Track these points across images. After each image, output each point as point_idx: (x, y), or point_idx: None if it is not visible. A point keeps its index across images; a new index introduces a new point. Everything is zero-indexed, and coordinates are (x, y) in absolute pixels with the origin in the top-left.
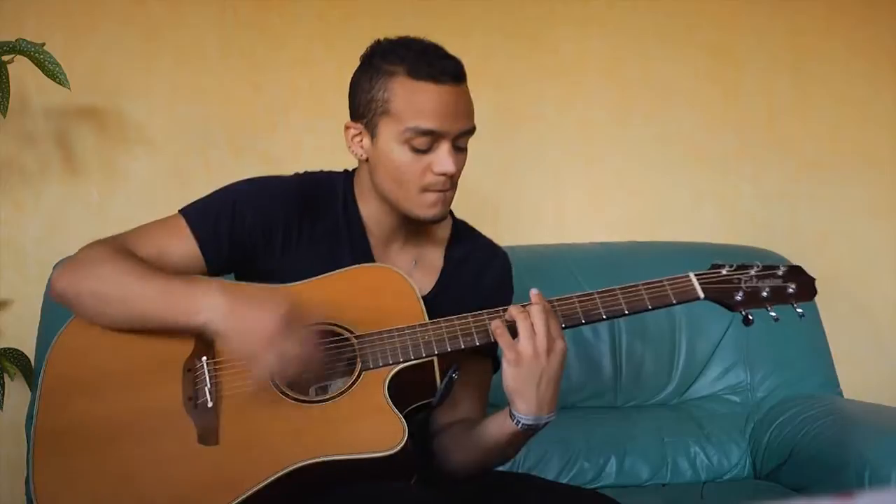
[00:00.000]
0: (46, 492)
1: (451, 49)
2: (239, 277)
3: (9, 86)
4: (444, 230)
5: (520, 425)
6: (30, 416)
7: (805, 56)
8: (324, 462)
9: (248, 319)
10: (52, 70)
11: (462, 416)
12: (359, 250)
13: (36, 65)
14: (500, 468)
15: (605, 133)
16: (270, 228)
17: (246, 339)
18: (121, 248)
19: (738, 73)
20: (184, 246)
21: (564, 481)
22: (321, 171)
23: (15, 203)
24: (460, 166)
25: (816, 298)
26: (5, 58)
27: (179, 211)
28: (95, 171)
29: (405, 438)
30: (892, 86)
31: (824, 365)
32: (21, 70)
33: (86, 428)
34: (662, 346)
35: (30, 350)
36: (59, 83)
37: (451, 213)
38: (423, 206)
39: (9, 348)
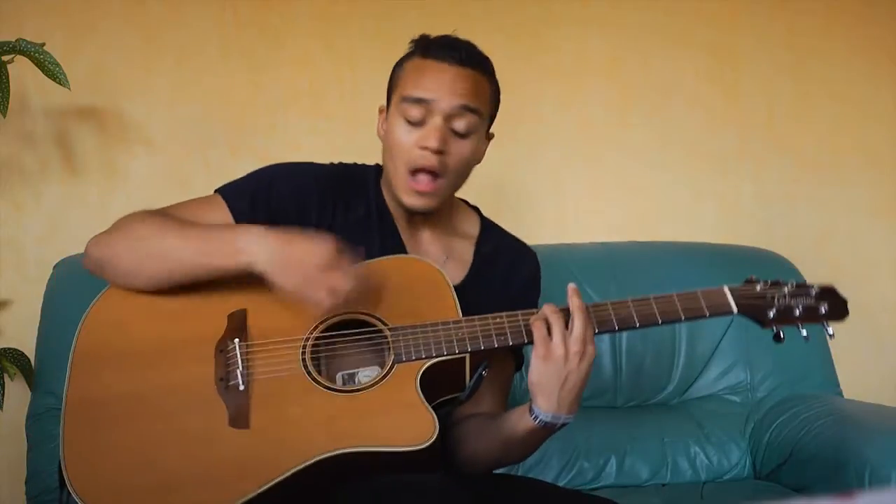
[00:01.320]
0: (76, 463)
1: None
2: None
3: (9, 86)
4: (473, 226)
5: (537, 421)
6: (30, 417)
7: (805, 56)
8: (354, 453)
9: (296, 253)
10: (52, 70)
11: (482, 410)
12: (390, 240)
13: (36, 65)
14: (504, 471)
15: (605, 133)
16: (305, 213)
17: (296, 272)
18: (157, 212)
19: (738, 73)
20: (221, 220)
21: (564, 481)
22: (354, 163)
23: (15, 203)
24: (459, 152)
25: None
26: (5, 58)
27: (216, 190)
28: (95, 171)
29: (436, 433)
30: (892, 86)
31: (824, 365)
32: (21, 70)
33: (116, 401)
34: (662, 346)
35: (30, 350)
36: (59, 83)
37: (478, 210)
38: (404, 191)
39: (9, 348)
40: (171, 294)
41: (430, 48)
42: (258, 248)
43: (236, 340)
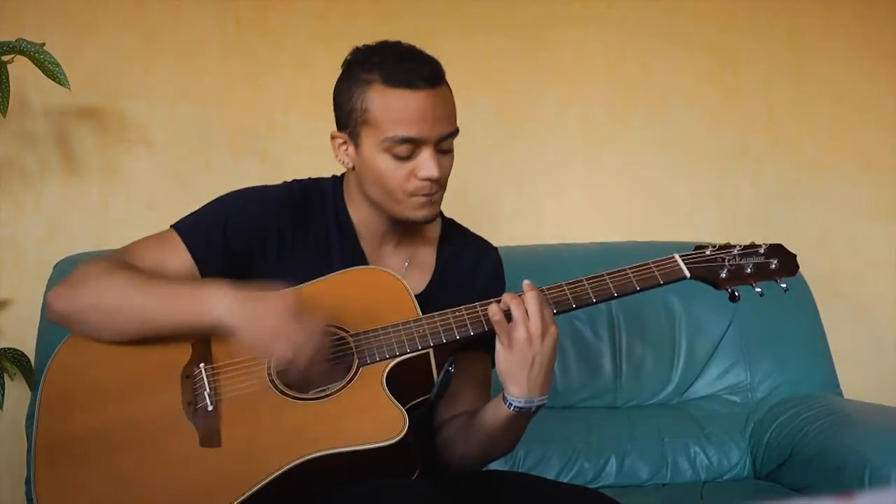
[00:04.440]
0: (50, 502)
1: (452, 49)
2: None
3: (9, 86)
4: (434, 230)
5: (512, 408)
6: (30, 417)
7: (805, 56)
8: (326, 456)
9: (259, 311)
10: (52, 70)
11: (463, 409)
12: (351, 254)
13: (36, 65)
14: (502, 468)
15: (605, 133)
16: (264, 237)
17: (259, 331)
18: (117, 260)
19: (738, 73)
20: (179, 259)
21: (564, 481)
22: (309, 179)
23: (15, 203)
24: (446, 168)
25: (816, 298)
26: (5, 58)
27: (172, 226)
28: (95, 171)
29: (406, 426)
30: (892, 86)
31: (824, 365)
32: (21, 70)
33: (86, 440)
34: (662, 346)
35: (30, 350)
36: (59, 83)
37: (440, 212)
38: (413, 209)
39: (9, 348)
40: None
41: (394, 74)
42: (224, 310)
43: (202, 364)
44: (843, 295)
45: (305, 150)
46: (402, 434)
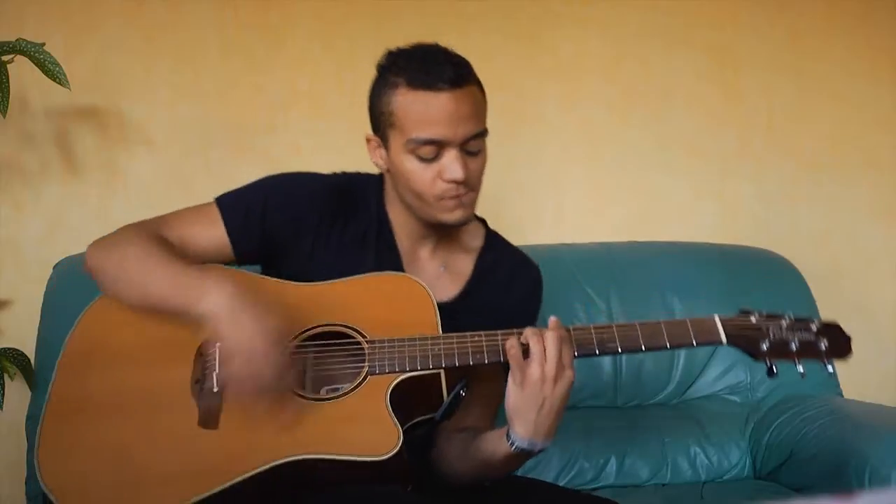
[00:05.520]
0: (48, 457)
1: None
2: (265, 269)
3: (9, 86)
4: (476, 239)
5: (514, 447)
6: (30, 417)
7: (805, 56)
8: (313, 460)
9: (243, 323)
10: (52, 70)
11: (467, 424)
12: (387, 253)
13: (36, 65)
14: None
15: (605, 133)
16: (301, 227)
17: (231, 347)
18: (153, 232)
19: (738, 73)
20: (214, 234)
21: (564, 481)
22: (357, 172)
23: (15, 203)
24: (475, 170)
25: (816, 298)
26: (5, 58)
27: (215, 199)
28: (95, 171)
29: (397, 448)
30: (892, 86)
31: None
32: (21, 70)
33: (94, 399)
34: None
35: (30, 350)
36: (59, 83)
37: (484, 223)
38: (444, 212)
39: (9, 348)
40: None
41: (417, 76)
42: (214, 309)
43: (217, 344)
44: (843, 295)
45: (305, 150)
46: (392, 453)
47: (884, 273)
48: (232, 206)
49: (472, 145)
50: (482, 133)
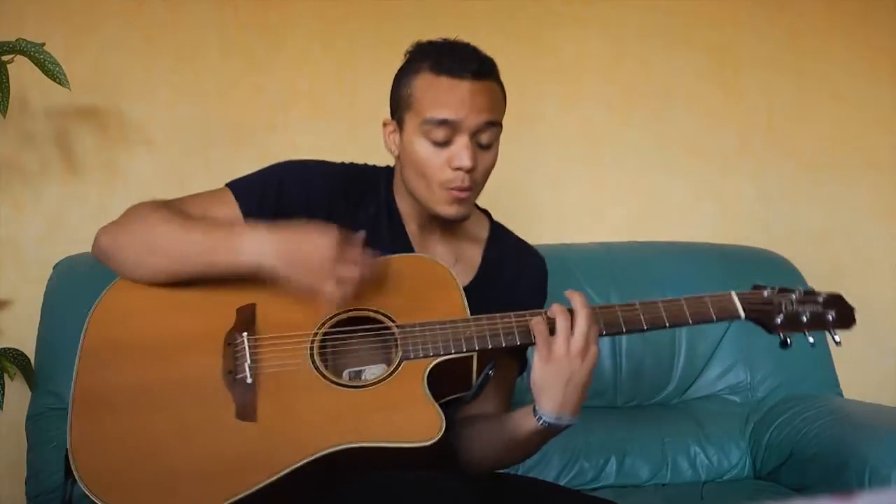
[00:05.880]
0: (83, 452)
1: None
2: None
3: (9, 86)
4: (482, 230)
5: (541, 422)
6: (30, 417)
7: (805, 56)
8: (360, 448)
9: (302, 247)
10: (52, 70)
11: (486, 410)
12: (399, 241)
13: (36, 65)
14: (508, 471)
15: (605, 133)
16: (314, 211)
17: (304, 267)
18: (164, 203)
19: (738, 73)
20: (230, 215)
21: (564, 481)
22: (365, 164)
23: (15, 203)
24: (485, 164)
25: None
26: (5, 58)
27: (227, 184)
28: (95, 171)
29: (442, 430)
30: (892, 86)
31: (824, 365)
32: (21, 70)
33: (123, 392)
34: (662, 346)
35: (30, 350)
36: (59, 83)
37: (488, 214)
38: (444, 203)
39: (9, 348)
40: (181, 287)
41: (442, 62)
42: (263, 246)
43: (244, 334)
44: (843, 294)
45: (305, 150)
46: (438, 437)
47: (884, 273)
48: (246, 190)
49: (485, 138)
50: (495, 123)
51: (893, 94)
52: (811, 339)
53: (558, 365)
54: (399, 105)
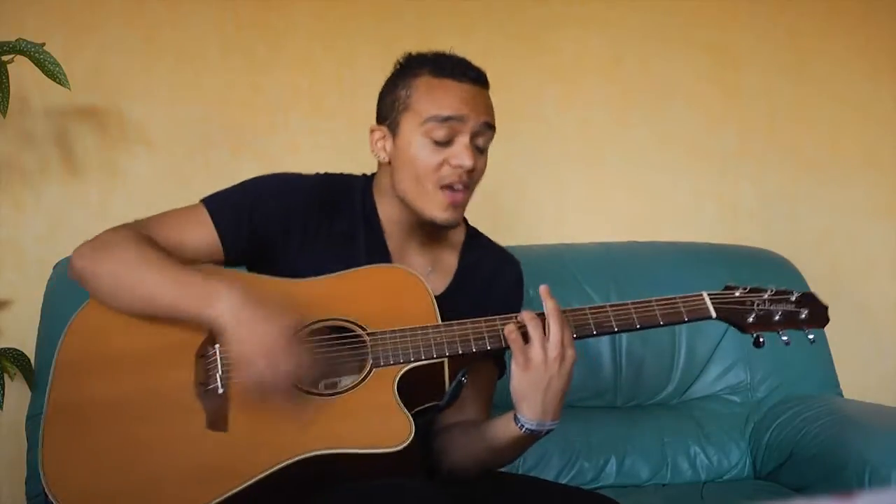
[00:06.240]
0: (53, 466)
1: (452, 49)
2: (251, 269)
3: (9, 86)
4: (458, 235)
5: (523, 429)
6: (30, 417)
7: (805, 56)
8: (329, 455)
9: (257, 326)
10: (52, 70)
11: (466, 418)
12: (376, 251)
13: (36, 65)
14: (504, 469)
15: (605, 133)
16: (290, 225)
17: (246, 346)
18: (142, 234)
19: (738, 73)
20: (204, 235)
21: (564, 481)
22: (340, 174)
23: (15, 203)
24: (478, 168)
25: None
26: (5, 58)
27: (202, 200)
28: (95, 171)
29: (411, 436)
30: (892, 86)
31: (824, 365)
32: (21, 70)
33: (96, 405)
34: (662, 346)
35: (30, 350)
36: (59, 83)
37: (464, 219)
38: (438, 208)
39: (9, 348)
40: None
41: (443, 67)
42: (226, 310)
43: (216, 346)
44: (843, 295)
45: (305, 150)
46: (406, 443)
47: (884, 273)
48: (220, 207)
49: (482, 140)
50: (493, 127)
51: (893, 94)
52: (785, 338)
53: (536, 372)
54: (394, 108)
